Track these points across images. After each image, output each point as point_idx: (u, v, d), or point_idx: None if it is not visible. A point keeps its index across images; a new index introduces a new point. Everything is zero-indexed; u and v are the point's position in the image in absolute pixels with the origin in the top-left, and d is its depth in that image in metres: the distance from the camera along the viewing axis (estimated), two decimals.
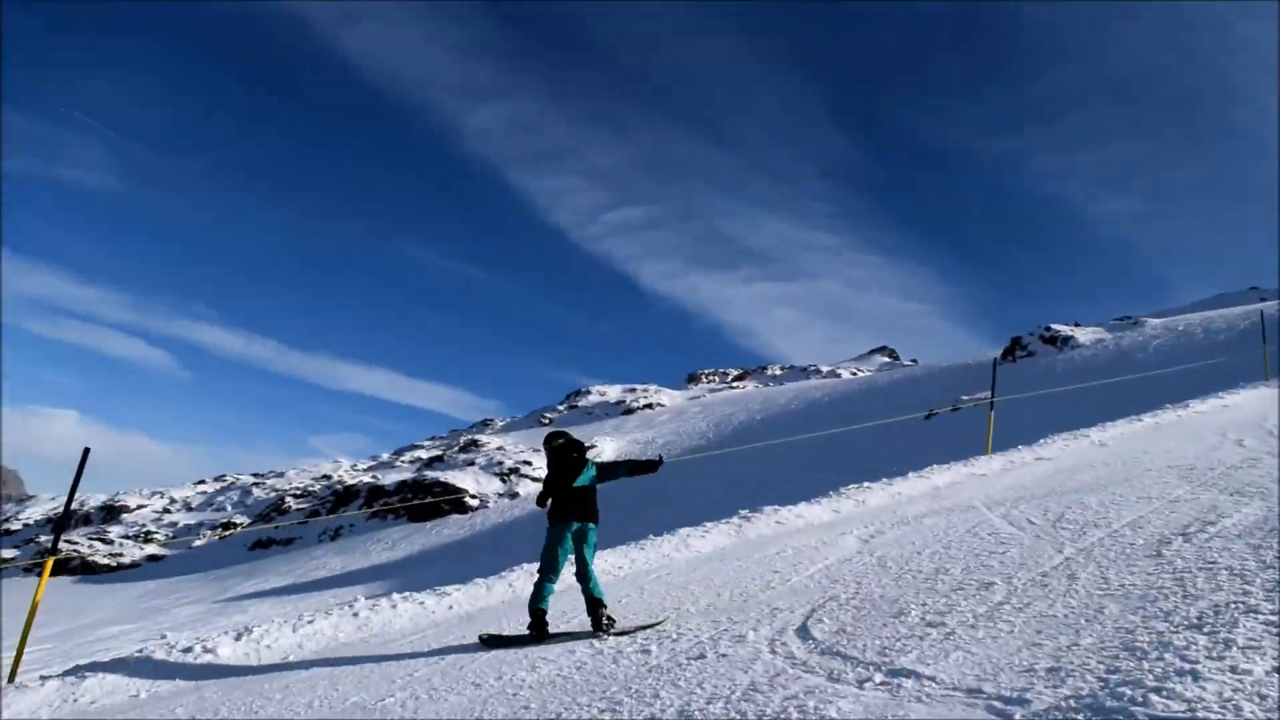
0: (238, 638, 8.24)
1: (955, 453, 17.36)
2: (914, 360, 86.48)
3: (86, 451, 7.98)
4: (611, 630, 7.43)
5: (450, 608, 9.35)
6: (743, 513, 12.93)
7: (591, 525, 7.93)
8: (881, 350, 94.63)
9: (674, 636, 6.78)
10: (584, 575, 7.80)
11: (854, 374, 77.90)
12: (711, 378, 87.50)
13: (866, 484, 14.87)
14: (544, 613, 7.61)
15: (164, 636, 21.85)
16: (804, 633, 6.27)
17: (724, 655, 5.96)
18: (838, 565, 8.84)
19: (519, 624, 8.06)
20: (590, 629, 7.53)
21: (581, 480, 7.99)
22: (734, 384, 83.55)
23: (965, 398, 39.38)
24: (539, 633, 7.51)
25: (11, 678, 7.65)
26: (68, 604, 43.42)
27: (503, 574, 10.32)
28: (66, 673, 7.40)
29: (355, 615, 8.86)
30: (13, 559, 58.66)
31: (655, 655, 6.29)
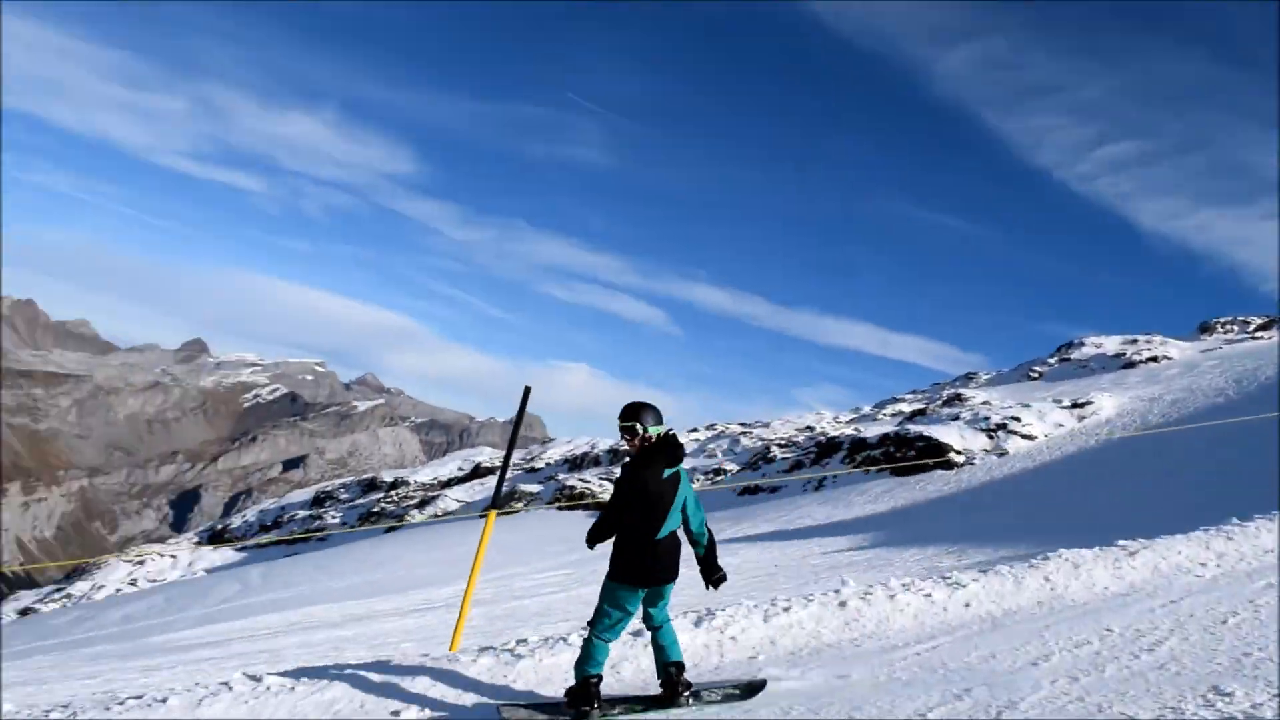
0: (697, 623, 6.73)
1: None
2: None
3: (527, 391, 6.96)
4: (691, 699, 5.53)
5: (967, 604, 7.07)
6: None
7: (671, 585, 5.65)
8: None
9: None
10: (656, 625, 5.66)
11: None
12: (1229, 327, 74.90)
13: None
14: (597, 680, 5.47)
15: None
16: None
17: None
18: None
19: (1061, 646, 5.69)
20: (661, 694, 5.59)
21: (673, 522, 5.54)
22: (1257, 334, 70.86)
23: None
24: (583, 703, 5.39)
25: (453, 644, 6.83)
26: (583, 535, 47.37)
27: (1033, 561, 7.85)
28: (504, 648, 6.37)
29: (842, 606, 6.96)
30: (536, 494, 65.37)
31: None
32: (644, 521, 5.45)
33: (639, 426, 5.48)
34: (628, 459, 5.62)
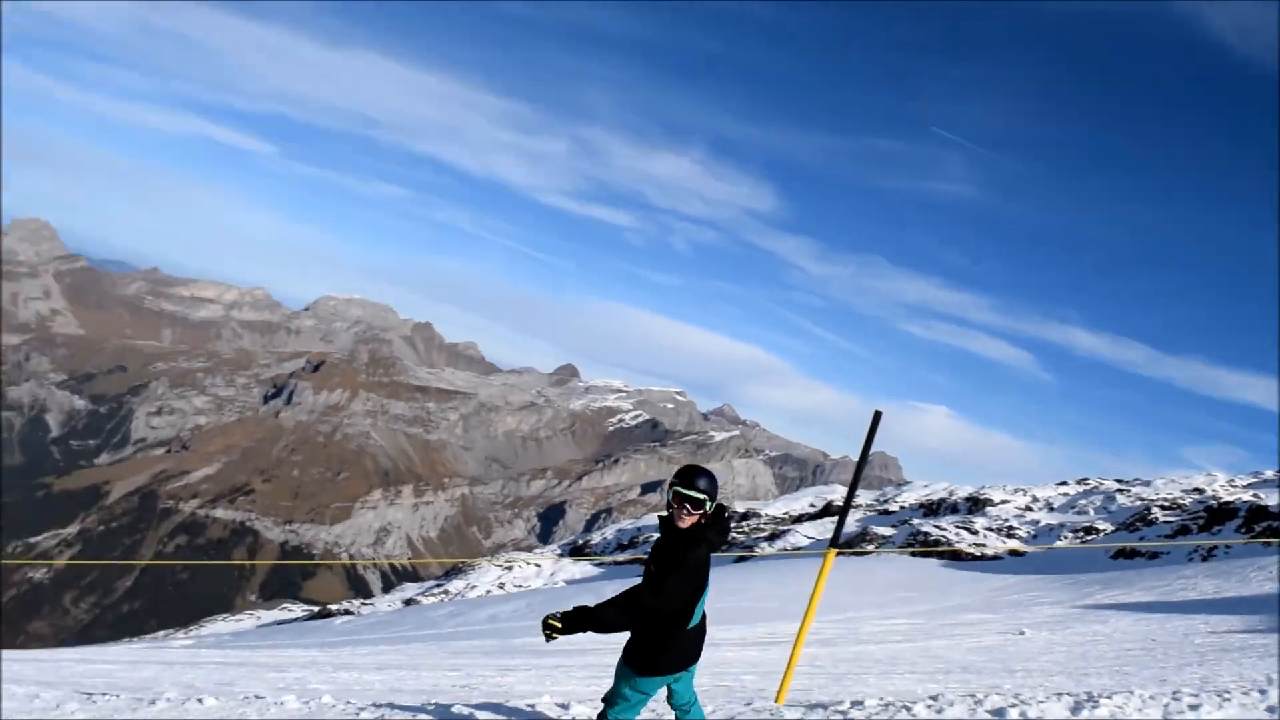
0: (1074, 709, 5.78)
1: None
2: None
3: (877, 415, 6.32)
4: None
5: None
6: None
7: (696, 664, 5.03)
8: None
9: None
10: (682, 705, 5.16)
11: None
12: None
13: None
14: None
15: (1022, 633, 20.42)
16: None
17: None
18: None
19: None
20: None
21: (702, 605, 4.89)
22: None
23: None
24: None
25: (780, 695, 6.40)
26: (935, 584, 45.22)
27: None
28: (836, 707, 5.85)
29: (1271, 712, 5.78)
30: (889, 537, 63.55)
31: None
32: (684, 607, 4.76)
33: (709, 501, 4.69)
34: (680, 532, 4.72)
